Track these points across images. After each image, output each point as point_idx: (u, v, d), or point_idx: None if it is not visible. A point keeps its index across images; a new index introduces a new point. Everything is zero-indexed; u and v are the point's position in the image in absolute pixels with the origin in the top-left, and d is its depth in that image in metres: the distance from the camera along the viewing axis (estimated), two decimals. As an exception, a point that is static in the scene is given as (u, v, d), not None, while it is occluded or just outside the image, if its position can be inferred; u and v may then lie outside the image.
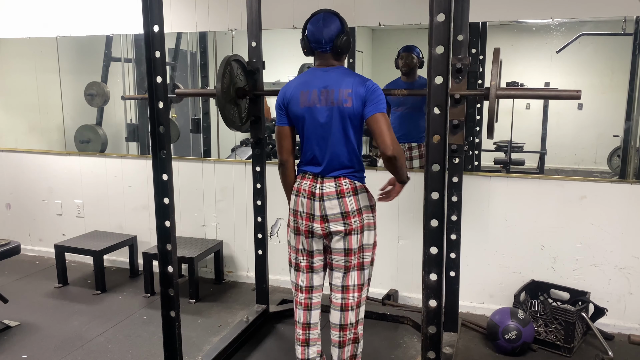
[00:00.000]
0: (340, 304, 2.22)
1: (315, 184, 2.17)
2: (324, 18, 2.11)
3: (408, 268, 3.32)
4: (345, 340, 2.24)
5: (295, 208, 2.22)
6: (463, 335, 2.92)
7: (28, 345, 2.84)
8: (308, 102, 2.12)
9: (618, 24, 2.85)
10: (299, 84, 2.15)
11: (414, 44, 3.23)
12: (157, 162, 1.99)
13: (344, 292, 2.22)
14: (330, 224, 2.16)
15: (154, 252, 3.00)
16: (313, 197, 2.16)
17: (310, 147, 2.17)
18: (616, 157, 3.13)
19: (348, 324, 2.23)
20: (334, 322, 2.24)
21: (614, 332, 2.93)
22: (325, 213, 2.16)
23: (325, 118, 2.11)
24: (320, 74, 2.14)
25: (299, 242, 2.25)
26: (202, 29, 3.62)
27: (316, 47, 2.14)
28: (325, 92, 2.10)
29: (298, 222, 2.22)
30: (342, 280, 2.22)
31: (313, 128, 2.14)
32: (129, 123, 4.08)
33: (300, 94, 2.13)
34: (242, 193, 3.61)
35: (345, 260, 2.20)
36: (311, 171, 2.19)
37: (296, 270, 2.29)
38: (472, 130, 3.11)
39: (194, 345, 2.81)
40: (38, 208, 4.26)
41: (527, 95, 2.26)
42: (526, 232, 3.04)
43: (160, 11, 1.90)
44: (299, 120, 2.16)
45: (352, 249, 2.18)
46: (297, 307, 2.29)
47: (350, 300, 2.22)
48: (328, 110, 2.10)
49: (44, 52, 4.04)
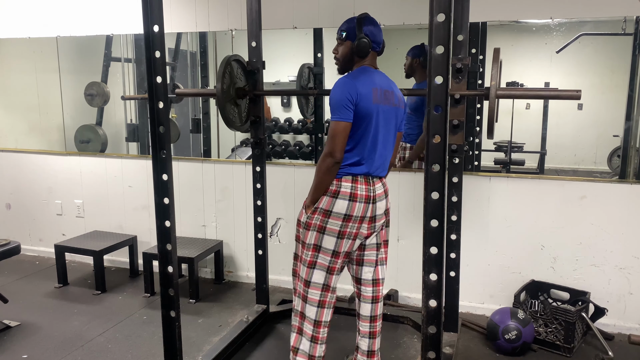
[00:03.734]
0: (371, 296, 2.35)
1: (370, 186, 2.17)
2: (375, 20, 2.22)
3: (408, 268, 3.32)
4: (376, 331, 2.38)
5: (348, 213, 2.13)
6: (463, 335, 2.92)
7: (28, 345, 2.84)
8: (379, 100, 2.14)
9: (618, 24, 2.85)
10: (364, 80, 2.11)
11: (416, 44, 3.23)
12: (157, 162, 1.99)
13: (374, 286, 2.35)
14: (377, 223, 2.24)
15: (154, 252, 3.01)
16: (369, 200, 2.16)
17: (365, 145, 2.13)
18: (616, 157, 3.13)
19: (378, 314, 2.38)
20: (365, 314, 2.36)
21: (614, 332, 2.93)
22: (375, 214, 2.20)
23: (388, 117, 2.19)
24: (377, 74, 2.21)
25: (344, 246, 2.18)
26: (202, 29, 3.62)
27: (375, 48, 2.21)
28: (387, 92, 2.19)
29: (349, 226, 2.15)
30: (372, 274, 2.35)
31: (376, 126, 2.14)
32: (129, 123, 4.08)
33: (372, 91, 2.11)
34: (242, 193, 3.61)
35: (376, 254, 2.33)
36: (362, 172, 2.15)
37: (330, 273, 2.21)
38: (472, 130, 3.11)
39: (194, 345, 2.81)
40: (38, 208, 4.26)
41: (527, 95, 2.26)
42: (526, 232, 3.05)
43: (160, 11, 1.90)
44: (367, 117, 2.10)
45: (382, 242, 2.34)
46: (324, 307, 2.25)
47: (380, 293, 2.37)
48: (392, 110, 2.21)
49: (44, 52, 4.04)
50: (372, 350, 2.39)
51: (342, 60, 2.24)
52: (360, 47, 2.16)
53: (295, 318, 2.31)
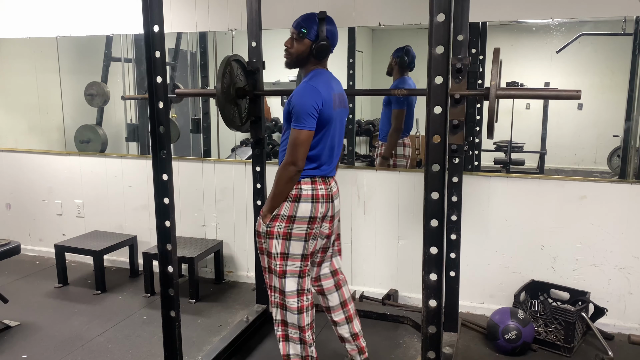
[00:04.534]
0: (334, 285, 2.42)
1: (327, 186, 2.20)
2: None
3: (408, 268, 3.32)
4: (350, 314, 2.44)
5: (312, 215, 2.14)
6: (463, 335, 2.92)
7: (28, 345, 2.84)
8: (337, 105, 2.18)
9: (618, 24, 2.85)
10: (325, 86, 2.11)
11: (410, 45, 3.27)
12: (157, 162, 1.99)
13: (334, 276, 2.44)
14: (335, 221, 2.31)
15: (154, 252, 3.00)
16: (329, 199, 2.20)
17: (324, 149, 2.16)
18: (616, 157, 3.14)
19: (347, 298, 2.44)
20: (334, 303, 2.42)
21: (614, 332, 2.93)
22: (334, 212, 2.26)
23: (342, 120, 2.27)
24: (332, 78, 2.23)
25: (310, 247, 2.20)
26: (202, 29, 3.62)
27: (331, 50, 2.19)
28: (341, 95, 2.25)
29: (314, 227, 2.17)
30: (329, 267, 2.43)
31: (334, 130, 2.18)
32: (129, 123, 4.08)
33: (332, 97, 2.13)
34: (242, 193, 3.61)
35: (332, 248, 2.43)
36: (320, 174, 2.18)
37: (302, 277, 2.20)
38: (472, 130, 3.11)
39: (194, 345, 2.81)
40: (38, 208, 4.26)
41: (527, 95, 2.25)
42: (526, 232, 3.05)
43: (160, 11, 1.90)
44: (328, 123, 2.11)
45: (336, 236, 2.42)
46: (304, 312, 2.22)
47: (341, 279, 2.45)
48: (345, 112, 2.29)
49: (44, 52, 4.04)
50: (354, 332, 2.43)
51: (295, 56, 2.18)
52: (320, 50, 2.13)
53: (278, 327, 2.26)
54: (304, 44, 2.15)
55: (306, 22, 2.14)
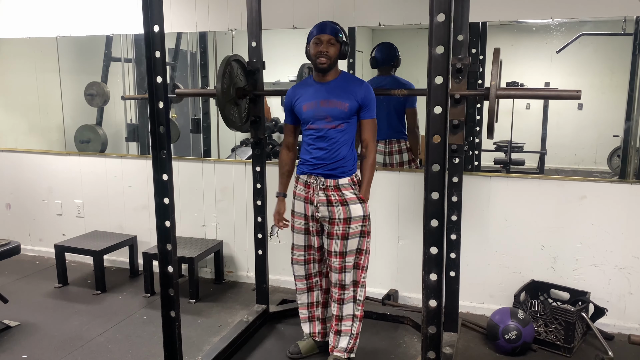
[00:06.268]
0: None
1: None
2: None
3: (408, 268, 3.32)
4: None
5: None
6: (463, 335, 2.92)
7: (28, 345, 2.84)
8: None
9: (618, 24, 2.85)
10: None
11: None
12: (157, 162, 1.99)
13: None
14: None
15: (154, 252, 3.00)
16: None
17: None
18: (616, 157, 3.14)
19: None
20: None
21: (614, 332, 2.93)
22: None
23: None
24: None
25: None
26: (202, 29, 3.62)
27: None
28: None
29: None
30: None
31: None
32: (129, 123, 4.08)
33: None
34: (242, 193, 3.61)
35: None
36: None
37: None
38: (472, 130, 3.11)
39: (194, 345, 2.81)
40: (38, 208, 4.26)
41: (527, 95, 2.26)
42: (526, 232, 3.05)
43: (160, 11, 1.90)
44: None
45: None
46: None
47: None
48: None
49: (44, 52, 4.04)
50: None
51: (333, 60, 2.39)
52: (345, 54, 2.43)
53: (357, 308, 2.52)
54: (337, 47, 2.38)
55: (339, 28, 2.39)
